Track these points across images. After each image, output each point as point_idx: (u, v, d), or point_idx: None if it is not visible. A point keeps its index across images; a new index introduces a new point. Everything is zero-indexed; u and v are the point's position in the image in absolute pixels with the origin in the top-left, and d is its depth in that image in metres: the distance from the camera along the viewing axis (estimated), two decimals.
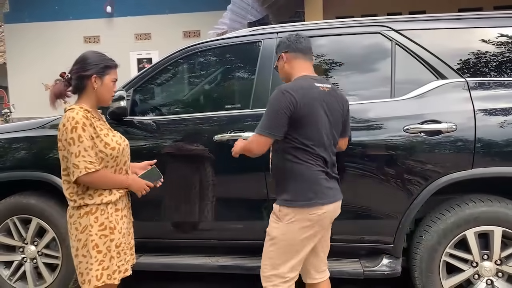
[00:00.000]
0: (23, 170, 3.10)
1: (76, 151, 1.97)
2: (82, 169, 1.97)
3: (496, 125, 2.50)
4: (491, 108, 2.54)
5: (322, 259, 2.36)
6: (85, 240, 2.05)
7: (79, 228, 2.06)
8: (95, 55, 2.14)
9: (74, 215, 2.08)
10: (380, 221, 2.69)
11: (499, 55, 2.68)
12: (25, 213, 3.09)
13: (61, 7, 12.98)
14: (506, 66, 2.68)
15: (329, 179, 2.19)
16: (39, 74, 11.84)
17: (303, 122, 2.11)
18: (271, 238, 2.21)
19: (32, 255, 3.12)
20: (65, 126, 1.98)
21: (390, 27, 2.79)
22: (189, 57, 3.12)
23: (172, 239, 3.05)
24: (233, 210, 2.91)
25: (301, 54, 2.28)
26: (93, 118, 2.05)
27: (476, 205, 2.56)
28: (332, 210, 2.19)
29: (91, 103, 2.12)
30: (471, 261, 2.60)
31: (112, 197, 2.09)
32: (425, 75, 2.68)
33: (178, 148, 2.91)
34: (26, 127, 3.23)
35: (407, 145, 2.58)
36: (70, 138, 1.97)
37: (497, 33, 2.68)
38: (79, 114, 1.99)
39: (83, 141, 1.97)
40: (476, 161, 2.50)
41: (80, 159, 1.97)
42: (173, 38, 11.96)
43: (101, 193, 2.07)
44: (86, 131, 1.98)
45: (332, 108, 2.19)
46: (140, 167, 2.39)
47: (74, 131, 1.96)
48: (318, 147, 2.14)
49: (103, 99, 2.16)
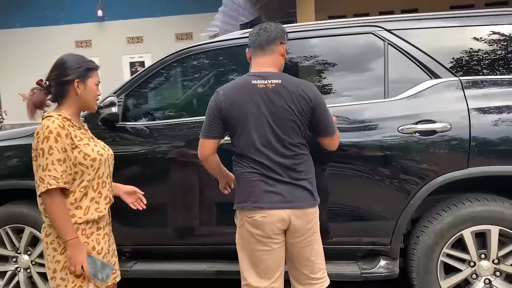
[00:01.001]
0: (14, 178, 3.05)
1: (44, 164, 1.80)
2: (46, 185, 1.79)
3: (490, 123, 2.49)
4: (485, 107, 2.53)
5: (302, 272, 2.20)
6: (65, 262, 1.89)
7: (57, 248, 1.90)
8: (73, 58, 1.98)
9: (51, 234, 1.91)
10: (377, 222, 2.68)
11: (492, 53, 2.67)
12: (18, 222, 3.03)
13: (52, 12, 12.90)
14: (499, 64, 2.67)
15: (273, 182, 2.04)
16: (31, 79, 11.61)
17: (231, 123, 2.07)
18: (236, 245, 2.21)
19: (25, 265, 3.07)
20: (38, 134, 1.83)
21: (382, 27, 2.77)
22: (183, 60, 3.08)
23: (167, 245, 3.01)
24: (229, 215, 2.88)
25: (258, 49, 2.13)
26: (71, 127, 1.90)
27: (472, 204, 2.55)
28: (279, 217, 2.02)
29: (73, 110, 1.96)
30: (468, 260, 2.59)
31: (89, 216, 1.92)
32: (419, 75, 2.66)
33: (172, 154, 2.87)
34: (17, 135, 3.18)
35: (402, 145, 2.56)
36: (40, 148, 1.80)
37: (490, 31, 2.67)
38: (54, 123, 1.83)
39: (52, 153, 1.80)
40: (472, 160, 2.49)
41: (46, 173, 1.79)
42: (165, 40, 11.92)
43: (74, 213, 1.89)
44: (59, 142, 1.81)
45: (275, 106, 2.02)
46: (125, 191, 2.23)
47: (45, 142, 1.80)
48: (248, 149, 2.05)
49: (88, 104, 2.00)
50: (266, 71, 2.11)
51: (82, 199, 1.93)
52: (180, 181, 2.90)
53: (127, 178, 2.67)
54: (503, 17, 2.72)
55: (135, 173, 2.97)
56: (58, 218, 1.83)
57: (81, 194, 1.92)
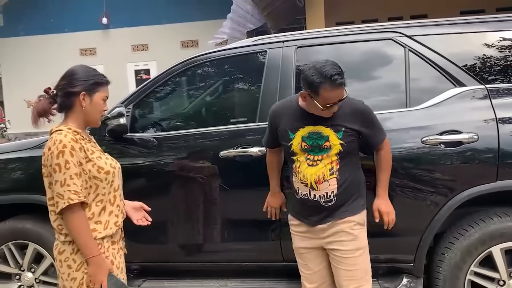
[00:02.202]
0: (18, 192, 2.94)
1: (62, 179, 1.73)
2: (66, 200, 1.73)
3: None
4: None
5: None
6: (81, 278, 1.81)
7: (73, 265, 1.82)
8: (84, 69, 1.91)
9: (65, 251, 1.83)
10: (400, 238, 2.54)
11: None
12: (21, 238, 2.92)
13: (56, 20, 12.84)
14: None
15: None
16: (35, 88, 11.61)
17: None
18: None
19: (29, 283, 2.94)
20: (51, 150, 1.76)
21: (402, 33, 2.65)
22: (192, 69, 2.97)
23: (177, 262, 2.89)
24: (242, 230, 2.75)
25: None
26: (82, 141, 1.84)
27: (501, 219, 2.42)
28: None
29: (78, 123, 1.89)
30: (498, 279, 2.44)
31: (109, 231, 1.87)
32: (442, 83, 2.54)
33: (181, 166, 2.75)
34: (21, 147, 3.07)
35: (426, 157, 2.43)
36: (56, 164, 1.74)
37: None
38: (67, 137, 1.77)
39: (69, 167, 1.74)
40: (501, 173, 2.36)
41: (65, 188, 1.73)
42: (171, 48, 11.82)
43: (95, 228, 1.83)
44: (74, 156, 1.76)
45: None
46: (133, 206, 2.15)
47: (60, 156, 1.74)
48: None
49: (91, 119, 1.92)
50: None
51: (101, 213, 1.87)
52: (194, 195, 2.77)
53: (138, 192, 2.58)
54: None
55: (147, 186, 2.85)
56: (81, 234, 1.77)
57: (99, 209, 1.86)
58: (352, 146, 2.14)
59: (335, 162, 2.11)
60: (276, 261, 2.71)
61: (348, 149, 2.12)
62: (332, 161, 2.11)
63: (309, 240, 2.24)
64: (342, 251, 2.15)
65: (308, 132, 2.13)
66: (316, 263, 2.27)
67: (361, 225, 2.18)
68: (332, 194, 2.12)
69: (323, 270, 2.27)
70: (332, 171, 2.10)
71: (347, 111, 2.12)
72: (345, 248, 2.14)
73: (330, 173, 2.10)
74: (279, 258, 2.68)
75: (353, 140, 2.13)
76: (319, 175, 2.10)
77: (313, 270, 2.28)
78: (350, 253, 2.14)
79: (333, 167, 2.11)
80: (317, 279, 2.29)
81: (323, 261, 2.27)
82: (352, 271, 2.15)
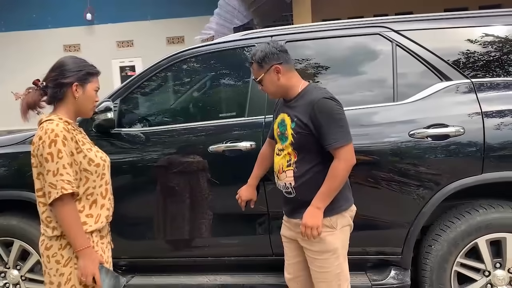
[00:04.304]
0: (2, 189, 2.88)
1: (54, 169, 1.69)
2: (59, 190, 1.69)
3: (505, 127, 2.40)
4: (499, 110, 2.43)
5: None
6: (69, 274, 1.77)
7: (61, 261, 1.77)
8: (75, 60, 1.88)
9: (53, 247, 1.78)
10: (387, 231, 2.57)
11: (506, 54, 2.58)
12: (6, 235, 2.87)
13: (40, 15, 12.63)
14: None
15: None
16: (19, 84, 11.44)
17: None
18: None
19: (14, 281, 2.90)
20: (42, 139, 1.71)
21: (389, 27, 2.67)
22: (179, 64, 2.94)
23: (166, 257, 2.87)
24: (231, 225, 2.75)
25: (291, 63, 2.15)
26: (74, 131, 1.81)
27: (487, 211, 2.46)
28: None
29: (70, 114, 1.85)
30: (483, 270, 2.49)
31: (99, 224, 1.84)
32: (429, 77, 2.57)
33: (170, 161, 2.73)
34: (4, 143, 3.01)
35: (413, 150, 2.45)
36: (48, 153, 1.69)
37: (504, 31, 2.59)
38: (59, 126, 1.73)
39: (62, 157, 1.70)
40: (486, 166, 2.39)
41: (58, 178, 1.69)
42: (157, 44, 11.73)
43: (85, 221, 1.79)
44: (66, 145, 1.72)
45: None
46: None
47: (53, 145, 1.69)
48: None
49: (84, 110, 1.89)
50: None
51: (92, 206, 1.84)
52: (183, 190, 2.75)
53: (127, 187, 2.56)
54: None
55: (135, 182, 2.82)
56: (72, 226, 1.73)
57: (90, 202, 1.83)
58: (304, 140, 2.01)
59: (292, 154, 2.05)
60: (265, 255, 2.72)
61: (300, 142, 2.02)
62: (289, 152, 2.07)
63: (289, 230, 2.21)
64: (310, 251, 2.10)
65: (281, 119, 2.13)
66: (292, 256, 2.24)
67: (330, 228, 2.04)
68: (290, 186, 2.07)
69: (299, 264, 2.23)
70: (289, 163, 2.06)
71: (305, 102, 2.03)
72: (312, 249, 2.08)
73: (287, 164, 2.07)
74: (268, 252, 2.69)
75: (304, 133, 2.00)
76: (280, 164, 2.11)
77: (290, 261, 2.27)
78: (317, 254, 2.07)
79: (291, 158, 2.06)
80: (292, 271, 2.26)
81: (298, 255, 2.21)
82: (321, 273, 2.09)
